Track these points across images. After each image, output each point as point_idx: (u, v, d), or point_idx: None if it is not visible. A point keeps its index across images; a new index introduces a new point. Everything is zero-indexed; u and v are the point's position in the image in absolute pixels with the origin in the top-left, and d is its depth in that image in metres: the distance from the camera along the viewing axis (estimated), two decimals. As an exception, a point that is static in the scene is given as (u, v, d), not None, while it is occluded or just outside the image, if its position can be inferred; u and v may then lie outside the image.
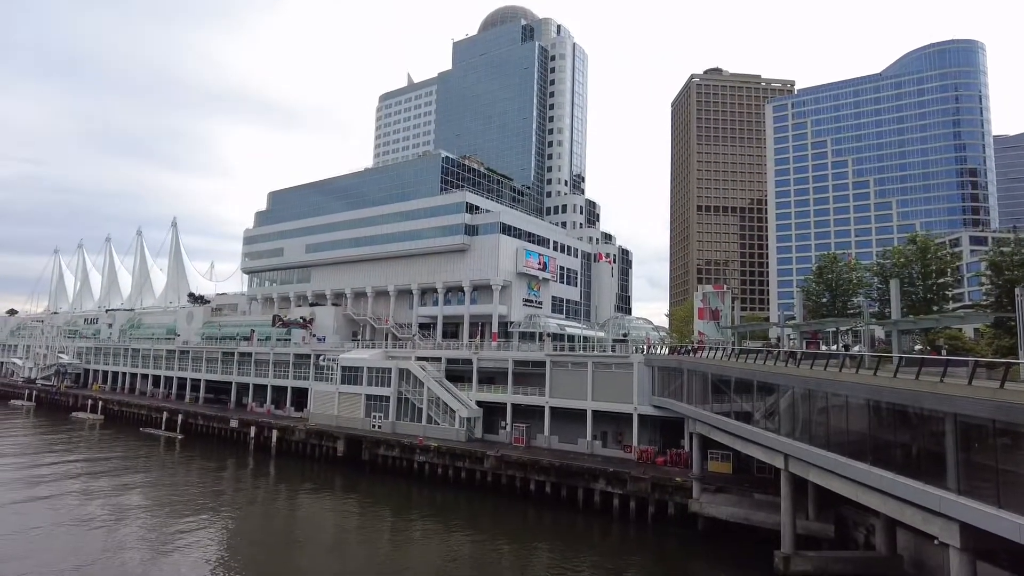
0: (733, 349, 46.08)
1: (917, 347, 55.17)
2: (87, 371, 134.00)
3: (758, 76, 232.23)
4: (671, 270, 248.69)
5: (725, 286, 79.39)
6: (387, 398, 72.08)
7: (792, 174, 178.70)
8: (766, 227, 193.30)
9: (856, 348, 52.57)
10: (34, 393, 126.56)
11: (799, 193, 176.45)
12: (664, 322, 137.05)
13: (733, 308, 65.73)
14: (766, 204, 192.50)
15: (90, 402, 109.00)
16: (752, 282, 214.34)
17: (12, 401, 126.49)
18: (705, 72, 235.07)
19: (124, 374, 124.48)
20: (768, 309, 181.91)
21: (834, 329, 61.32)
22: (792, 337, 57.67)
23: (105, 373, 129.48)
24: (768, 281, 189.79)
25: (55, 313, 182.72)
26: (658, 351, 62.19)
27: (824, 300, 73.75)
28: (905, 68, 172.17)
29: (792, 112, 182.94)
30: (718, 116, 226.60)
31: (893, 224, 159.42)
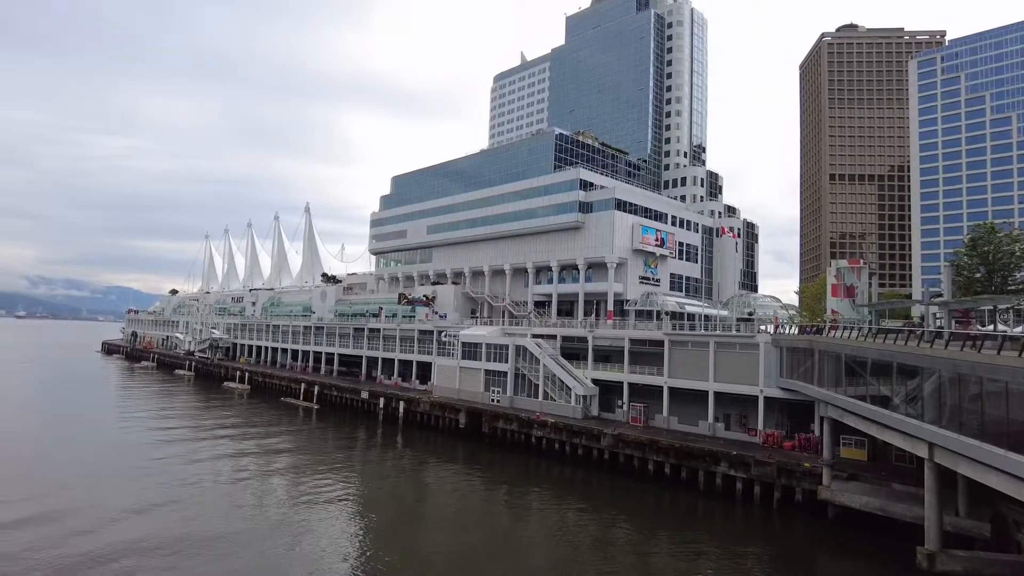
0: (870, 328, 42.92)
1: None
2: (235, 345, 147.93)
3: (900, 29, 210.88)
4: (801, 244, 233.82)
5: (861, 260, 73.49)
6: (505, 373, 73.93)
7: (940, 136, 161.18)
8: (908, 196, 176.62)
9: (1019, 329, 47.32)
10: (193, 364, 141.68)
11: (949, 157, 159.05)
12: (793, 300, 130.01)
13: (870, 284, 61.15)
14: (908, 171, 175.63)
15: (238, 373, 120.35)
16: (892, 256, 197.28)
17: (176, 371, 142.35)
18: (838, 30, 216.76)
19: (266, 348, 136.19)
20: (910, 286, 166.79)
21: (991, 307, 55.45)
22: (939, 316, 52.90)
23: (250, 347, 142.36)
24: (910, 255, 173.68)
25: (207, 292, 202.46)
26: (786, 330, 59.16)
27: (978, 275, 66.85)
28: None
29: (942, 66, 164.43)
30: (852, 77, 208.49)
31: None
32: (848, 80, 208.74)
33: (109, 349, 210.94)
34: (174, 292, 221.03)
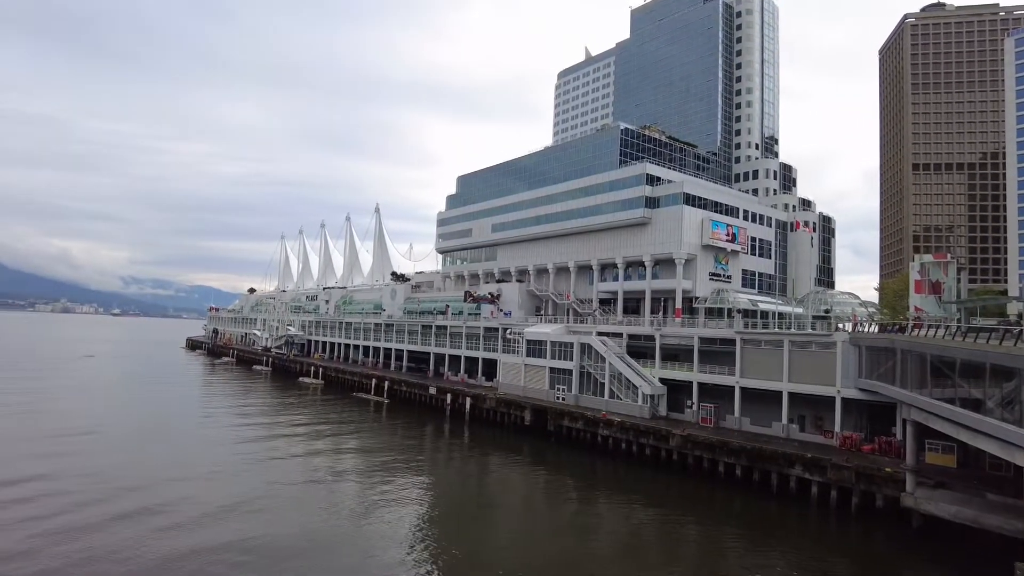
0: (958, 327, 40.45)
1: None
2: (310, 342, 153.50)
3: (994, 5, 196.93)
4: (881, 238, 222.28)
5: (948, 255, 69.13)
6: (570, 371, 73.80)
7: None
8: (1003, 184, 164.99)
9: None
10: (270, 360, 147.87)
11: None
12: (872, 297, 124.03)
13: (959, 280, 57.74)
14: (1003, 157, 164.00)
15: (312, 369, 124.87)
16: (984, 250, 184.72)
17: (254, 366, 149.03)
18: (923, 10, 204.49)
19: (339, 344, 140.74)
20: (1005, 282, 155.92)
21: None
22: (1039, 314, 49.37)
23: (324, 343, 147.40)
24: (1005, 249, 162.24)
25: (283, 291, 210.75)
26: (866, 329, 56.52)
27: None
28: None
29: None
30: (939, 59, 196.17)
31: None
32: (934, 63, 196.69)
33: (192, 345, 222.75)
34: (252, 291, 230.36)
